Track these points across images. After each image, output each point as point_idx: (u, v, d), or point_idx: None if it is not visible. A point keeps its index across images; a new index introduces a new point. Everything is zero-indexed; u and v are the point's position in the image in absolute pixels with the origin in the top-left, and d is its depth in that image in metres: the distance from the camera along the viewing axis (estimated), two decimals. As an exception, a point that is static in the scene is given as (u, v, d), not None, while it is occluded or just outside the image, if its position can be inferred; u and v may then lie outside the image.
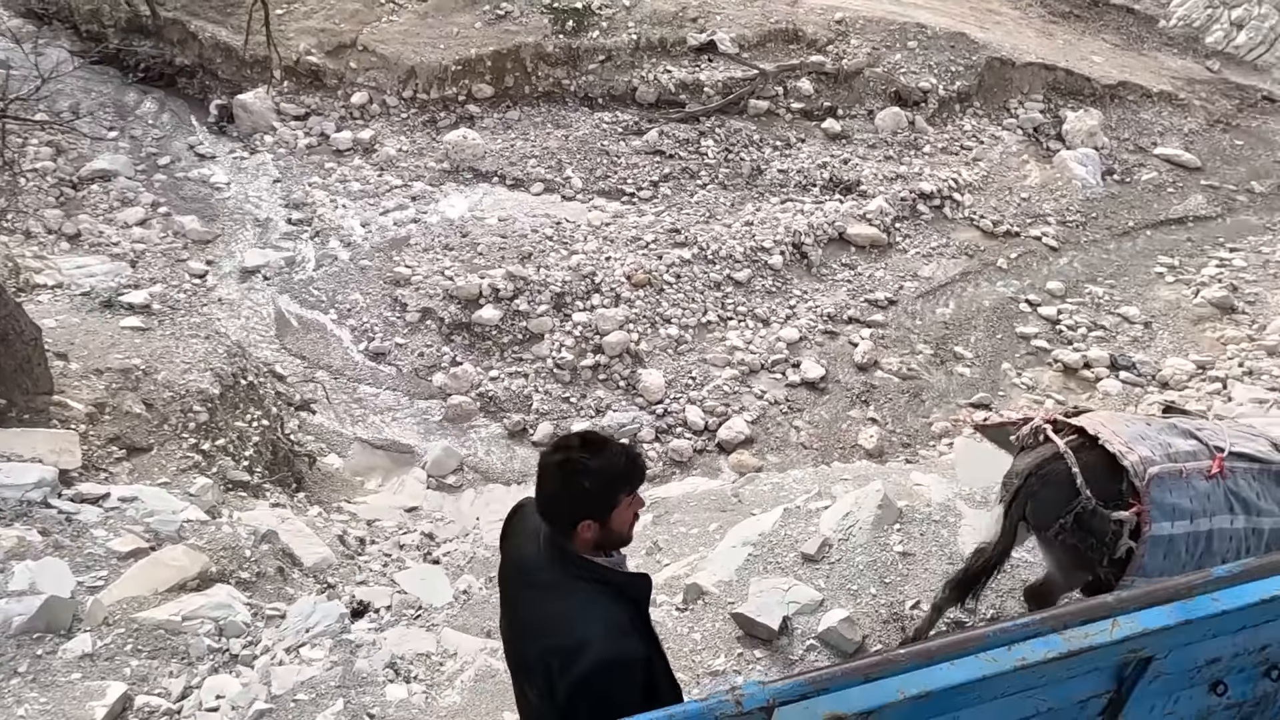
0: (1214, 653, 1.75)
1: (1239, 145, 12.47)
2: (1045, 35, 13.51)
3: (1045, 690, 1.60)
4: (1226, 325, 9.72)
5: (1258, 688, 1.96)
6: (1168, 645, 1.58)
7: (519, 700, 2.18)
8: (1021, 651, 1.46)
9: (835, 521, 3.91)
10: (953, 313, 10.10)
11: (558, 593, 1.94)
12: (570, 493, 1.92)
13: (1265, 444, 3.06)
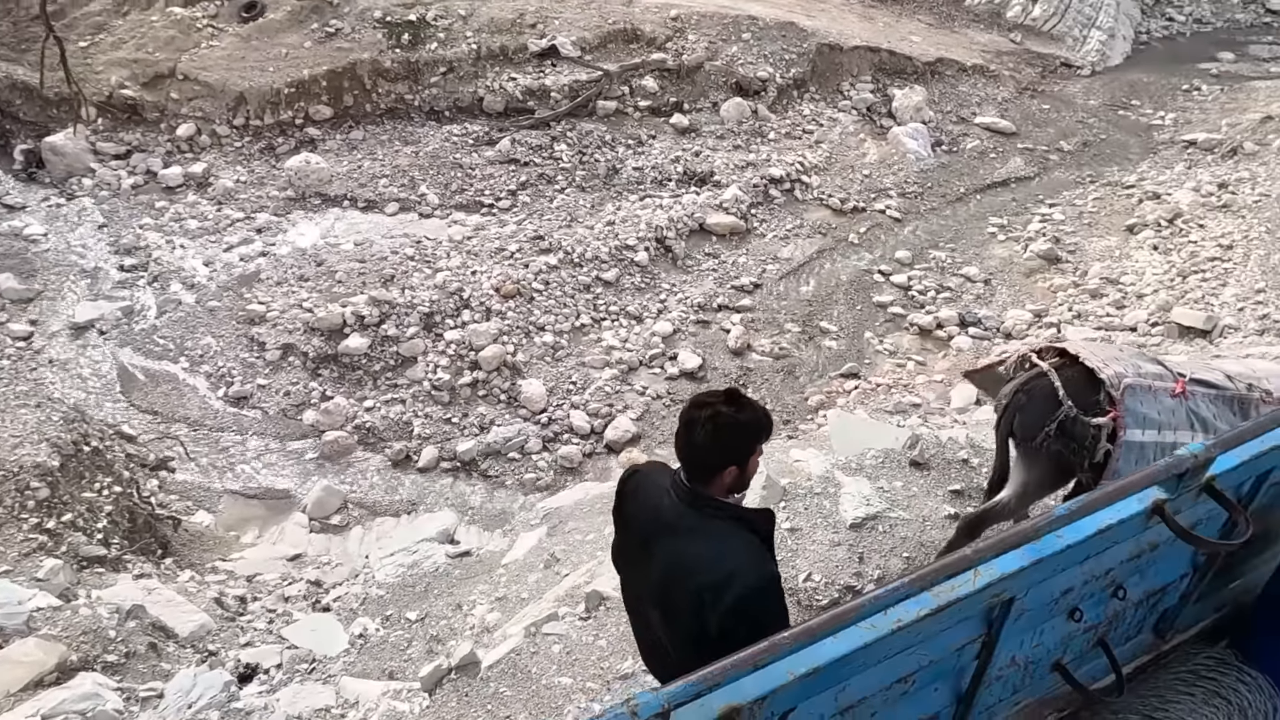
0: (1067, 584, 1.90)
1: (1046, 109, 13.61)
2: (867, 19, 14.28)
3: (924, 645, 1.69)
4: (1054, 275, 10.59)
5: (1108, 608, 2.15)
6: (1025, 585, 1.71)
7: (651, 651, 2.43)
8: (897, 614, 1.54)
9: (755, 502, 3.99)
10: (814, 290, 10.52)
11: (698, 534, 2.15)
12: (720, 443, 2.15)
13: (1220, 374, 3.41)
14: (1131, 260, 10.58)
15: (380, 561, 5.60)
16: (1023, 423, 3.42)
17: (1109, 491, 1.75)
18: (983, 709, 2.08)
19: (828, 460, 4.40)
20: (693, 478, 2.20)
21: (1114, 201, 11.67)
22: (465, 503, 7.95)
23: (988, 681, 1.97)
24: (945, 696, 1.94)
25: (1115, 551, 1.92)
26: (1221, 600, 2.60)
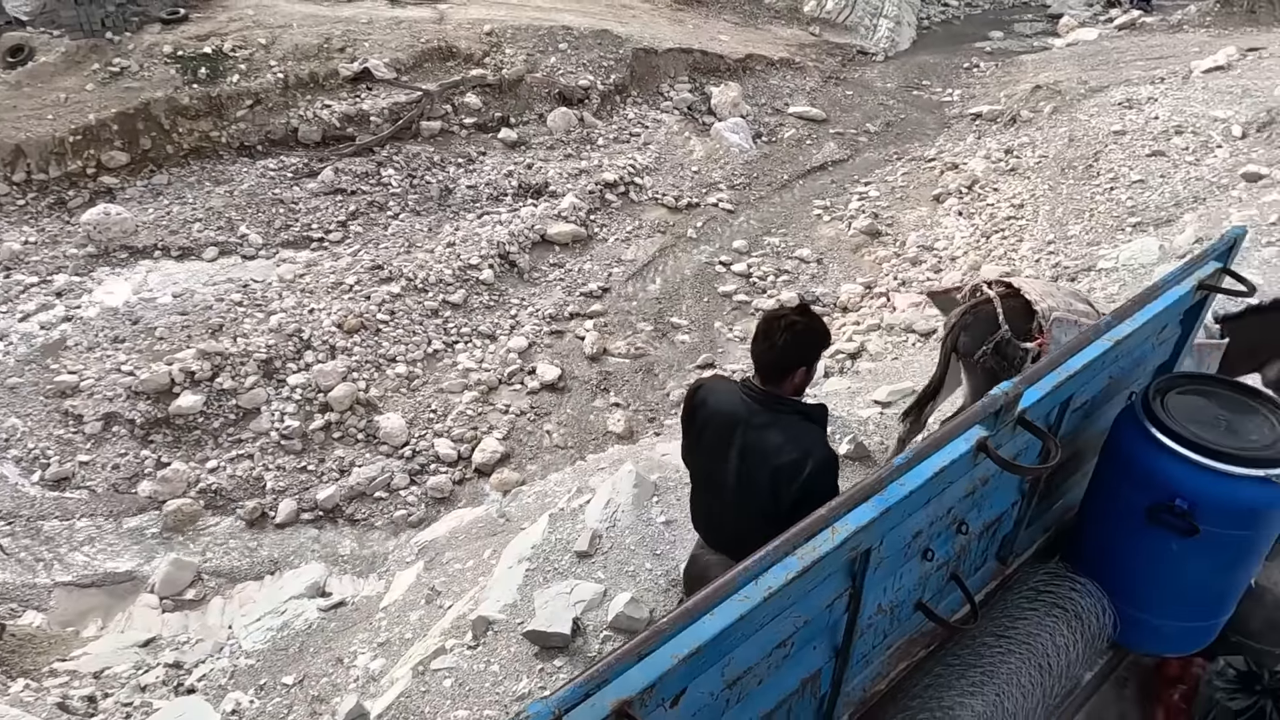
0: (915, 527, 2.04)
1: (850, 95, 14.55)
2: (676, 23, 14.76)
3: (797, 607, 1.77)
4: (877, 247, 11.34)
5: (955, 544, 2.33)
6: (879, 534, 1.82)
7: (712, 528, 2.92)
8: (767, 582, 1.60)
9: (599, 512, 4.02)
10: (661, 287, 10.75)
11: (773, 427, 2.56)
12: (795, 344, 2.56)
13: None
14: (942, 227, 11.49)
15: (246, 629, 5.22)
16: (965, 340, 3.92)
17: (936, 438, 1.91)
18: (859, 657, 2.20)
19: (693, 449, 4.50)
20: (767, 380, 2.63)
21: (920, 175, 12.64)
22: (334, 552, 7.56)
23: (860, 631, 2.08)
24: (824, 652, 2.04)
25: (953, 490, 2.09)
26: (1050, 520, 2.89)
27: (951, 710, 2.19)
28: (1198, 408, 2.38)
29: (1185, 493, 2.24)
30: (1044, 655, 2.33)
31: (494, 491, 8.16)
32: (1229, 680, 2.50)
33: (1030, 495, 2.53)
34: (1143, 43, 15.18)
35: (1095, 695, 2.85)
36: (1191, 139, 10.86)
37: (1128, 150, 11.03)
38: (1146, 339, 2.51)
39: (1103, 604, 2.45)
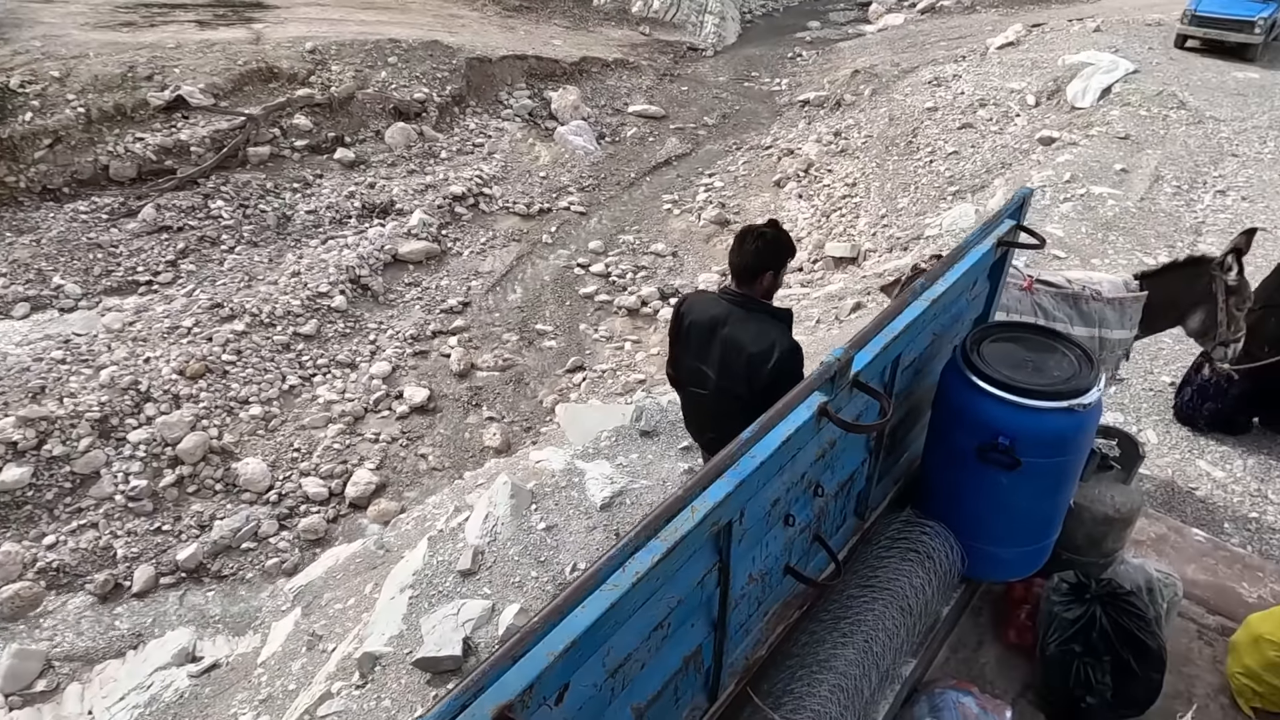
0: (772, 496, 2.14)
1: (685, 90, 14.96)
2: (508, 30, 14.68)
3: (667, 588, 1.82)
4: (728, 235, 11.72)
5: (814, 506, 2.46)
6: (736, 507, 1.90)
7: (699, 422, 3.44)
8: (634, 567, 1.64)
9: (479, 528, 3.97)
10: (522, 296, 10.69)
11: (747, 324, 2.98)
12: (762, 251, 3.01)
13: (1062, 278, 4.34)
14: (785, 210, 12.02)
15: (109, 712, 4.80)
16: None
17: (779, 408, 2.02)
18: (737, 628, 2.29)
19: (566, 454, 4.52)
20: (740, 283, 3.06)
21: (759, 162, 13.17)
22: (204, 614, 7.05)
23: (734, 603, 2.17)
24: (702, 628, 2.11)
25: (804, 456, 2.20)
26: (899, 473, 3.10)
27: (827, 662, 2.32)
28: (1009, 353, 2.62)
29: (1005, 430, 2.47)
30: (904, 598, 2.50)
31: (373, 524, 7.87)
32: (1063, 593, 2.77)
33: (877, 452, 2.71)
34: (944, 25, 16.43)
35: (956, 627, 3.09)
36: (994, 110, 11.86)
37: (941, 125, 11.92)
38: (959, 295, 2.75)
39: (950, 543, 2.66)
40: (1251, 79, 11.96)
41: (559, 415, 7.28)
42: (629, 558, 1.62)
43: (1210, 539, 3.58)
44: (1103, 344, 4.27)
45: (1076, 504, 2.88)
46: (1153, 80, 11.50)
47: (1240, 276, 4.24)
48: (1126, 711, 2.71)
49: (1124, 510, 2.91)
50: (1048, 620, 2.77)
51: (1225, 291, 4.23)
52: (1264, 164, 9.45)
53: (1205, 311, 4.32)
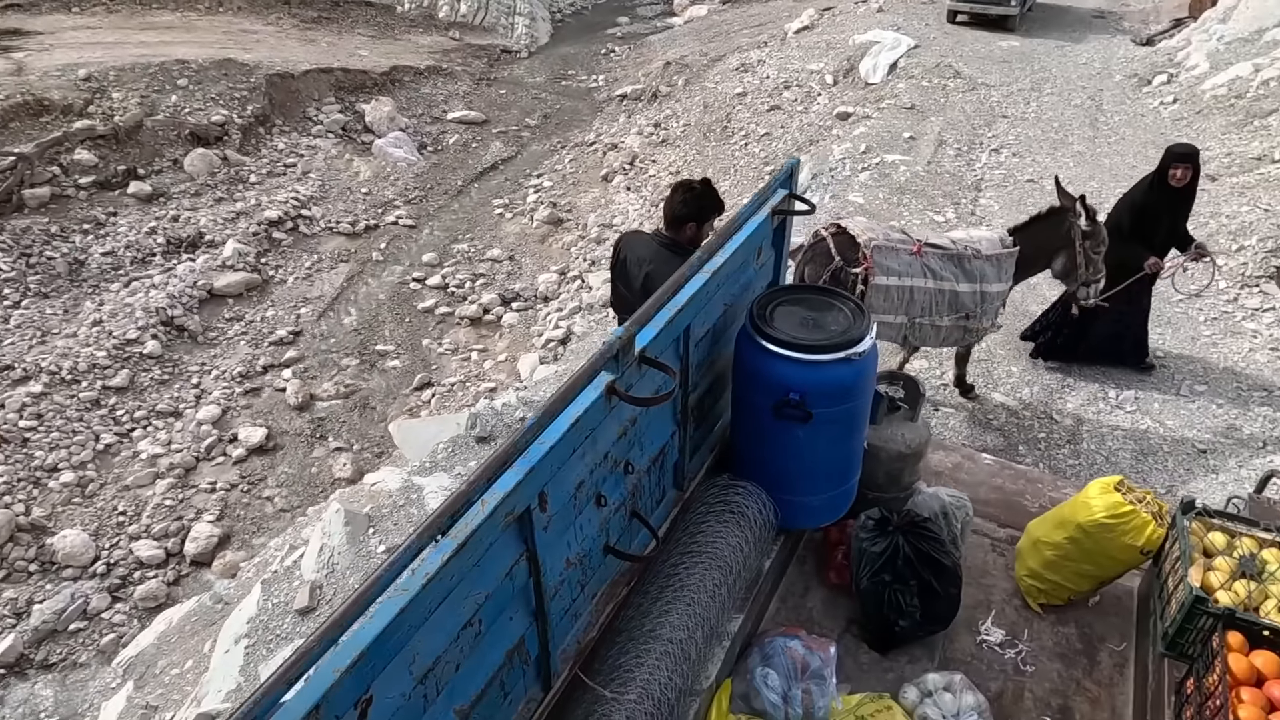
0: (575, 479, 2.18)
1: (504, 94, 14.86)
2: (308, 42, 14.05)
3: (470, 584, 1.81)
4: (562, 234, 11.78)
5: (627, 484, 2.53)
6: (530, 495, 1.92)
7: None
8: (424, 569, 1.63)
9: (314, 562, 3.81)
10: (358, 318, 10.30)
11: (671, 263, 3.05)
12: (687, 203, 3.42)
13: (948, 240, 4.76)
14: (616, 204, 12.20)
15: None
16: (810, 272, 4.72)
17: (564, 390, 2.06)
18: (562, 614, 2.32)
19: (402, 472, 4.41)
20: (669, 228, 3.48)
21: (585, 159, 13.28)
22: (34, 709, 6.38)
23: (553, 590, 2.19)
24: (522, 620, 2.12)
25: (603, 436, 2.26)
26: (714, 441, 3.24)
27: (653, 631, 2.40)
28: (792, 314, 2.79)
29: (795, 386, 2.63)
30: (722, 559, 2.62)
31: (221, 579, 7.37)
32: (869, 530, 2.99)
33: (685, 423, 2.81)
34: (745, 13, 17.15)
35: (784, 577, 3.27)
36: (798, 91, 12.52)
37: (751, 109, 12.46)
38: (741, 265, 2.90)
39: (762, 500, 2.80)
40: (1014, 47, 13.24)
41: (393, 433, 7.08)
42: (412, 560, 1.61)
43: (998, 460, 3.96)
44: (984, 297, 4.72)
45: (872, 445, 3.11)
46: (931, 54, 12.50)
47: (1093, 222, 4.73)
48: (934, 627, 2.96)
49: (915, 445, 3.18)
50: (859, 557, 2.98)
51: (1082, 236, 4.70)
52: (1029, 122, 10.51)
53: (1067, 255, 4.80)
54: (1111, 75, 12.00)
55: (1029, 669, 2.94)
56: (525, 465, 1.88)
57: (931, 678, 2.79)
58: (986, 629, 3.07)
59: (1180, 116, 10.18)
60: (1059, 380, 5.68)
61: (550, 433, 1.98)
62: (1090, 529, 2.91)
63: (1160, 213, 5.10)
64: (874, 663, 2.96)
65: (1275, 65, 9.86)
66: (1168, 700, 2.55)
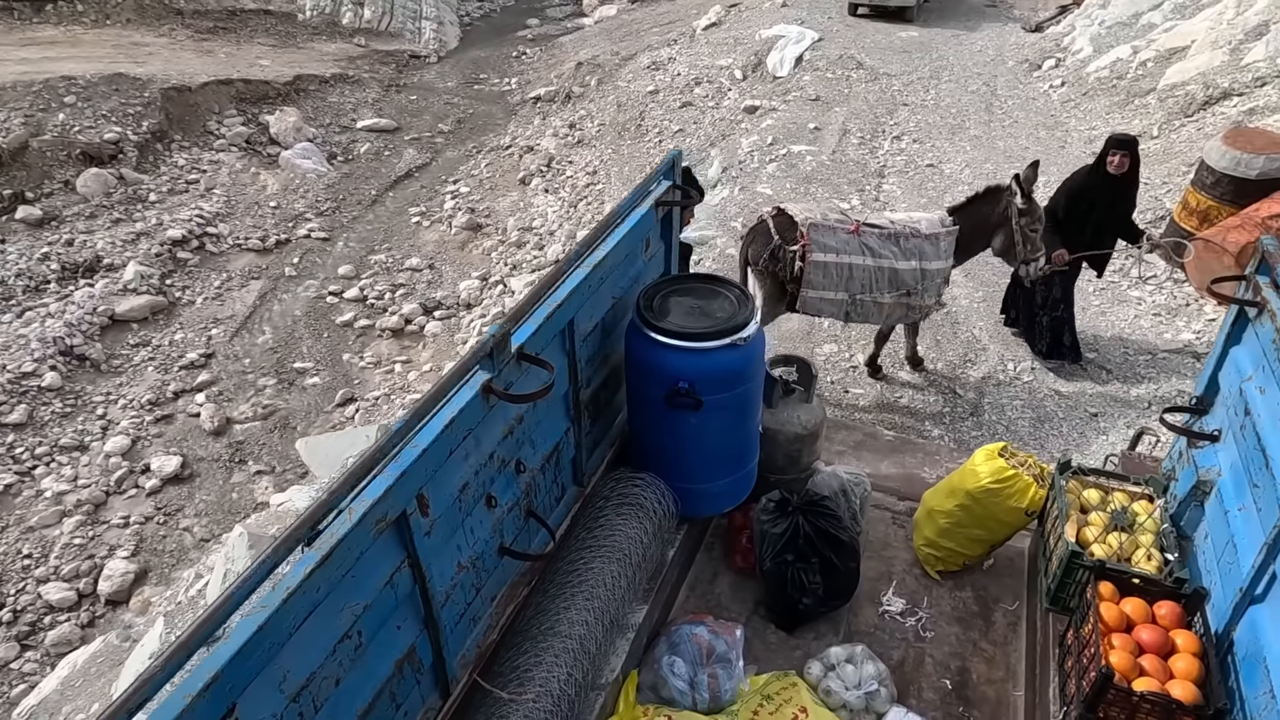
0: (458, 481, 2.15)
1: (415, 100, 14.62)
2: (205, 54, 13.58)
3: (342, 595, 1.76)
4: (482, 240, 11.65)
5: (520, 483, 2.51)
6: (404, 500, 1.88)
7: None
8: (286, 583, 1.58)
9: (219, 590, 3.67)
10: (273, 336, 10.00)
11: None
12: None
13: (886, 220, 4.89)
14: (535, 207, 12.13)
15: None
16: (750, 253, 4.91)
17: (433, 393, 2.03)
18: (457, 620, 2.29)
19: (310, 489, 4.29)
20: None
21: (502, 163, 13.17)
22: (-63, 770, 6.02)
23: (444, 596, 2.16)
24: (411, 628, 2.08)
25: (486, 435, 2.23)
26: (613, 435, 3.25)
27: (552, 629, 2.39)
28: (679, 304, 2.82)
29: (683, 375, 2.66)
30: (621, 551, 2.63)
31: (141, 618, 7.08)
32: (770, 512, 3.04)
33: (579, 419, 2.81)
34: (654, 12, 17.24)
35: (693, 566, 3.30)
36: (709, 87, 12.64)
37: (664, 106, 12.54)
38: (628, 258, 2.91)
39: (660, 490, 2.82)
40: (913, 37, 13.64)
41: (300, 451, 6.90)
42: (268, 574, 1.56)
43: (899, 436, 4.08)
44: (924, 274, 4.83)
45: (769, 429, 3.16)
46: (835, 46, 12.78)
47: (1027, 200, 4.81)
48: (836, 602, 3.03)
49: (811, 425, 3.24)
50: (761, 539, 3.03)
51: (1018, 214, 4.79)
52: (929, 109, 10.84)
53: (1004, 234, 4.91)
54: (1004, 61, 12.46)
55: (929, 635, 3.04)
56: (397, 470, 1.85)
57: (834, 651, 2.85)
58: (888, 599, 3.15)
59: (1069, 98, 10.64)
60: (961, 356, 5.88)
61: (424, 435, 1.94)
62: (978, 495, 3.02)
63: (1097, 199, 5.09)
64: (782, 642, 3.02)
65: (1151, 47, 10.39)
66: (1053, 653, 2.66)
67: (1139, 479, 2.92)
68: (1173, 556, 2.59)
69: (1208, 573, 2.47)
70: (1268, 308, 2.39)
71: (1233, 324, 2.63)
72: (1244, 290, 2.54)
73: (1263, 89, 8.29)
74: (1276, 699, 1.97)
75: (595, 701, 2.48)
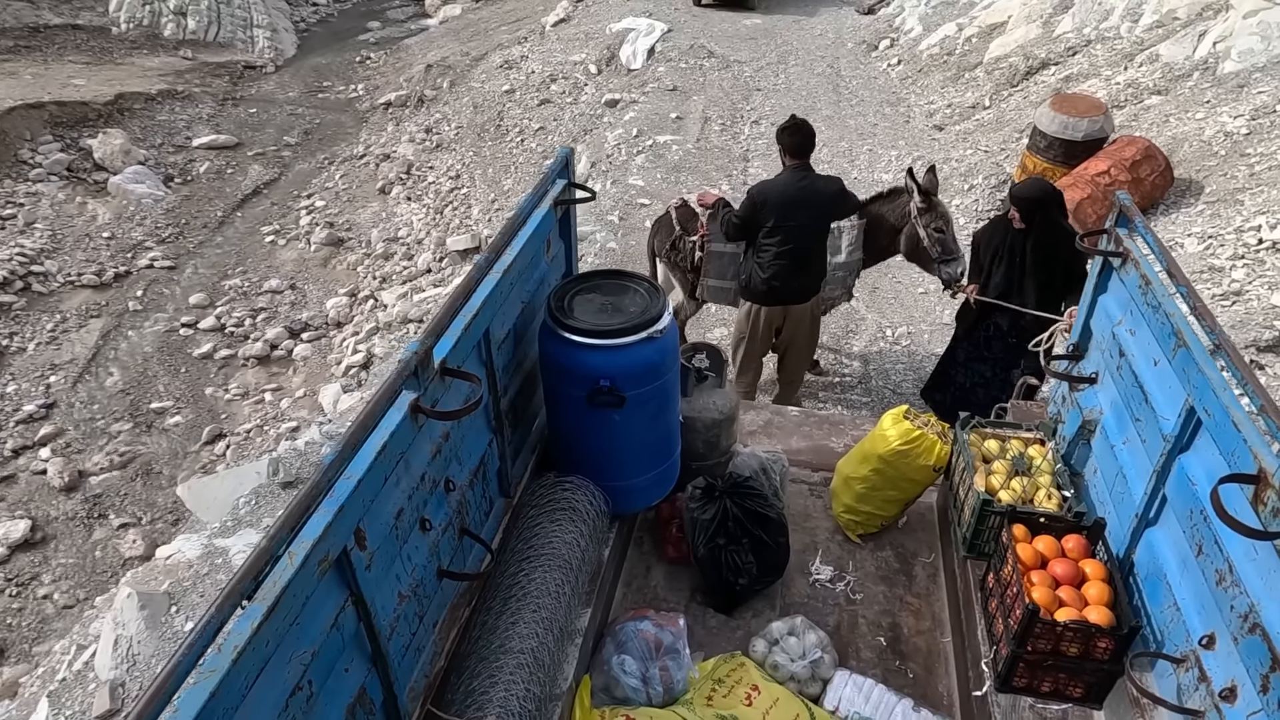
0: (393, 508, 2.05)
1: (255, 112, 13.79)
2: (8, 76, 12.29)
3: (291, 645, 1.65)
4: (346, 254, 11.15)
5: (450, 502, 2.42)
6: (344, 536, 1.77)
7: None
8: (232, 642, 1.46)
9: (110, 658, 3.35)
10: (123, 377, 9.23)
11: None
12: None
13: None
14: (399, 216, 11.73)
15: None
16: (655, 244, 5.11)
17: (365, 417, 1.93)
18: (403, 652, 2.19)
19: (201, 537, 3.98)
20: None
21: (357, 173, 12.64)
22: None
23: (389, 629, 2.06)
24: (359, 669, 1.97)
25: (416, 457, 2.14)
26: (533, 441, 3.20)
27: (503, 646, 2.33)
28: (590, 302, 2.79)
29: (604, 373, 2.64)
30: (561, 557, 2.59)
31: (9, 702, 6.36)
32: (697, 499, 3.08)
33: (501, 429, 2.74)
34: (501, 10, 17.00)
35: (625, 563, 3.30)
36: (565, 83, 12.60)
37: (522, 105, 12.39)
38: (532, 261, 2.86)
39: (590, 490, 2.80)
40: (757, 24, 14.09)
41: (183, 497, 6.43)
42: (215, 636, 1.43)
43: (802, 410, 4.23)
44: (827, 267, 4.74)
45: (688, 417, 3.20)
46: (684, 36, 13.03)
47: (926, 198, 4.50)
48: (770, 578, 3.11)
49: (727, 410, 3.30)
50: (692, 526, 3.06)
51: (917, 213, 4.57)
52: (781, 93, 11.25)
53: (908, 235, 4.69)
54: (844, 44, 13.10)
55: (858, 596, 3.17)
56: (333, 505, 1.74)
57: (775, 626, 2.92)
58: (816, 568, 3.26)
59: (906, 76, 11.30)
60: (843, 328, 6.15)
61: (356, 465, 1.84)
62: (889, 458, 3.16)
63: (997, 249, 4.25)
64: (722, 625, 3.06)
65: (974, 24, 11.20)
66: (975, 597, 2.83)
67: (1030, 425, 3.14)
68: (1069, 493, 2.80)
69: (1101, 504, 2.70)
70: (1130, 257, 2.62)
71: (1099, 274, 2.87)
72: (1107, 242, 2.78)
73: (1074, 57, 9.11)
74: (1180, 610, 2.18)
75: (553, 713, 2.44)
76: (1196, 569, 2.11)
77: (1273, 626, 1.80)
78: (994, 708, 2.48)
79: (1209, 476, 2.03)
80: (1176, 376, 2.26)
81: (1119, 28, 9.20)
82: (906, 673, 2.89)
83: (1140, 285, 2.53)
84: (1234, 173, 6.52)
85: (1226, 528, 1.81)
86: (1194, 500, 2.14)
